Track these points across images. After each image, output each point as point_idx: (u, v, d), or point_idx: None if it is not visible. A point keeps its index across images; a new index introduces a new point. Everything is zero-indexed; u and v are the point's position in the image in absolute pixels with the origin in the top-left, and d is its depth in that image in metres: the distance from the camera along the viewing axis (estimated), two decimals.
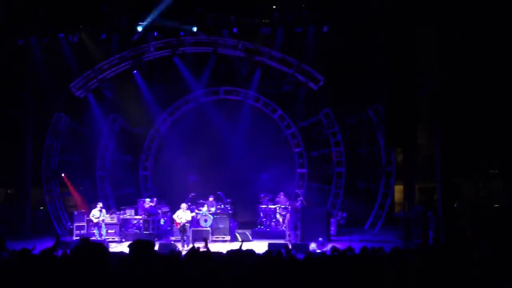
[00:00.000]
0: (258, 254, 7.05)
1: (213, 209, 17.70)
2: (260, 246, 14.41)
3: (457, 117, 13.02)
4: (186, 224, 15.96)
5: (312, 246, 14.76)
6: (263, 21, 17.86)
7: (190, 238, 16.06)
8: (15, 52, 19.06)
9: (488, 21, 13.04)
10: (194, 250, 6.11)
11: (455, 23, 12.69)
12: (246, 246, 7.69)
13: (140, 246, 4.53)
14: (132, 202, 19.59)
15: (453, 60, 12.93)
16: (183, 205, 16.15)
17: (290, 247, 12.51)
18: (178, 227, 15.99)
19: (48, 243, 14.78)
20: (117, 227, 17.62)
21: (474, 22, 13.02)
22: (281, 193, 18.83)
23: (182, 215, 15.92)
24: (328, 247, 13.10)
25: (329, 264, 6.27)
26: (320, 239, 15.51)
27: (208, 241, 9.11)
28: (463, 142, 13.45)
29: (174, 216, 16.15)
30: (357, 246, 9.99)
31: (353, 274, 6.03)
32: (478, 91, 13.84)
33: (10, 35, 18.29)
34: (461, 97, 13.16)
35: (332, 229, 17.36)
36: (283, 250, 7.67)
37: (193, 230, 16.32)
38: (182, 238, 15.82)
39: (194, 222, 16.59)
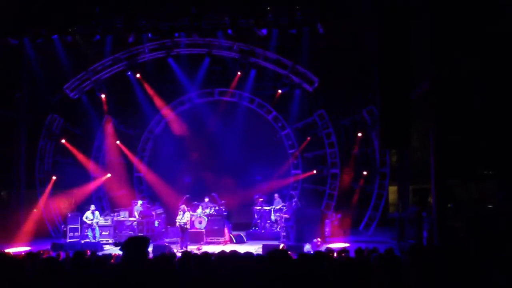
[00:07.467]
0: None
1: (208, 211, 17.69)
2: (254, 248, 14.43)
3: (452, 117, 13.05)
4: (185, 226, 15.91)
5: (307, 247, 14.76)
6: (258, 22, 17.86)
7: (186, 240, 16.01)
8: (9, 53, 18.96)
9: (483, 20, 13.09)
10: (188, 253, 6.09)
11: (450, 21, 12.73)
12: (240, 248, 7.69)
13: (134, 244, 4.41)
14: (126, 203, 19.53)
15: (447, 60, 12.96)
16: (182, 207, 16.19)
17: (284, 248, 12.49)
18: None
19: (43, 246, 14.77)
20: (111, 229, 17.55)
21: (469, 21, 13.07)
22: (276, 194, 18.84)
23: (180, 216, 15.95)
24: (323, 248, 13.10)
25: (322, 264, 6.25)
26: (315, 240, 15.54)
27: None
28: (458, 143, 13.48)
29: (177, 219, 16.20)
30: (351, 247, 10.00)
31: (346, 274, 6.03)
32: (473, 92, 13.89)
33: (4, 35, 18.19)
34: (456, 97, 13.20)
35: (327, 230, 17.38)
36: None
37: (188, 232, 16.29)
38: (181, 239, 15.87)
39: (188, 223, 16.55)
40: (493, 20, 12.98)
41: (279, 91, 19.56)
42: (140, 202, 18.59)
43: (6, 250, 11.64)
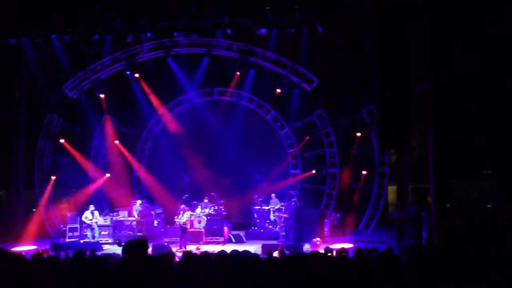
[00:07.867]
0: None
1: (207, 210, 17.70)
2: (253, 248, 14.43)
3: (451, 117, 13.07)
4: (184, 226, 15.90)
5: (306, 247, 14.76)
6: (257, 22, 17.86)
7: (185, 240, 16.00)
8: (8, 52, 18.94)
9: (483, 21, 13.11)
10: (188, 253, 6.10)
11: (449, 22, 12.74)
12: (239, 248, 7.69)
13: (134, 248, 4.45)
14: (125, 203, 19.52)
15: (446, 60, 12.98)
16: (181, 206, 16.18)
17: (283, 248, 12.51)
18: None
19: (42, 245, 14.75)
20: (110, 228, 17.55)
21: (469, 21, 13.09)
22: (273, 194, 18.86)
23: (179, 216, 15.96)
24: (322, 248, 13.11)
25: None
26: (314, 240, 15.54)
27: None
28: (457, 142, 13.50)
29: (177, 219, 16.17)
30: (351, 247, 9.98)
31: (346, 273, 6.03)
32: (472, 91, 13.91)
33: (3, 35, 18.18)
34: (455, 97, 13.22)
35: (326, 229, 17.38)
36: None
37: (187, 232, 16.27)
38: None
39: (188, 223, 16.56)
40: (492, 21, 13.00)
41: (278, 90, 19.55)
42: (139, 201, 18.58)
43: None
